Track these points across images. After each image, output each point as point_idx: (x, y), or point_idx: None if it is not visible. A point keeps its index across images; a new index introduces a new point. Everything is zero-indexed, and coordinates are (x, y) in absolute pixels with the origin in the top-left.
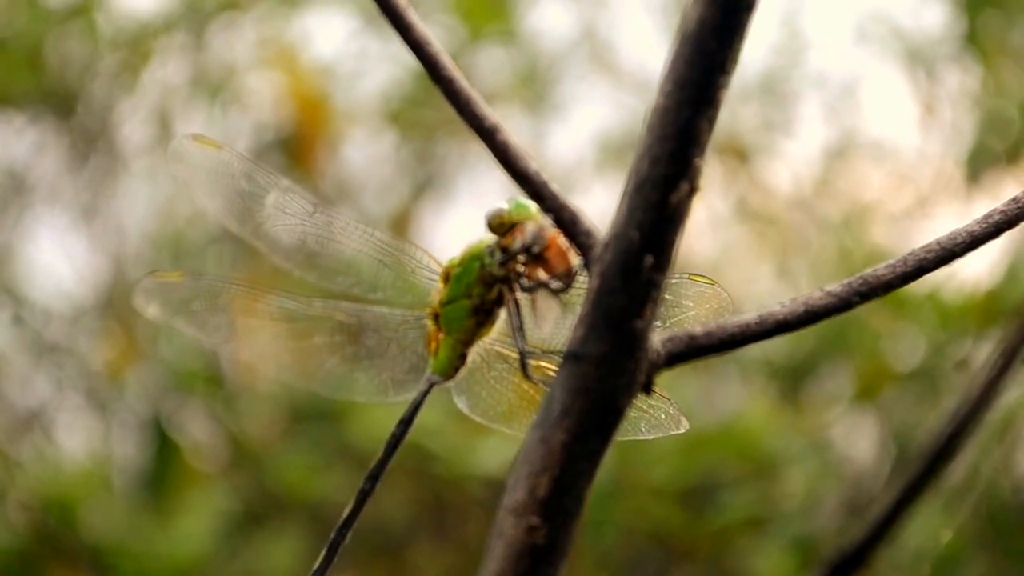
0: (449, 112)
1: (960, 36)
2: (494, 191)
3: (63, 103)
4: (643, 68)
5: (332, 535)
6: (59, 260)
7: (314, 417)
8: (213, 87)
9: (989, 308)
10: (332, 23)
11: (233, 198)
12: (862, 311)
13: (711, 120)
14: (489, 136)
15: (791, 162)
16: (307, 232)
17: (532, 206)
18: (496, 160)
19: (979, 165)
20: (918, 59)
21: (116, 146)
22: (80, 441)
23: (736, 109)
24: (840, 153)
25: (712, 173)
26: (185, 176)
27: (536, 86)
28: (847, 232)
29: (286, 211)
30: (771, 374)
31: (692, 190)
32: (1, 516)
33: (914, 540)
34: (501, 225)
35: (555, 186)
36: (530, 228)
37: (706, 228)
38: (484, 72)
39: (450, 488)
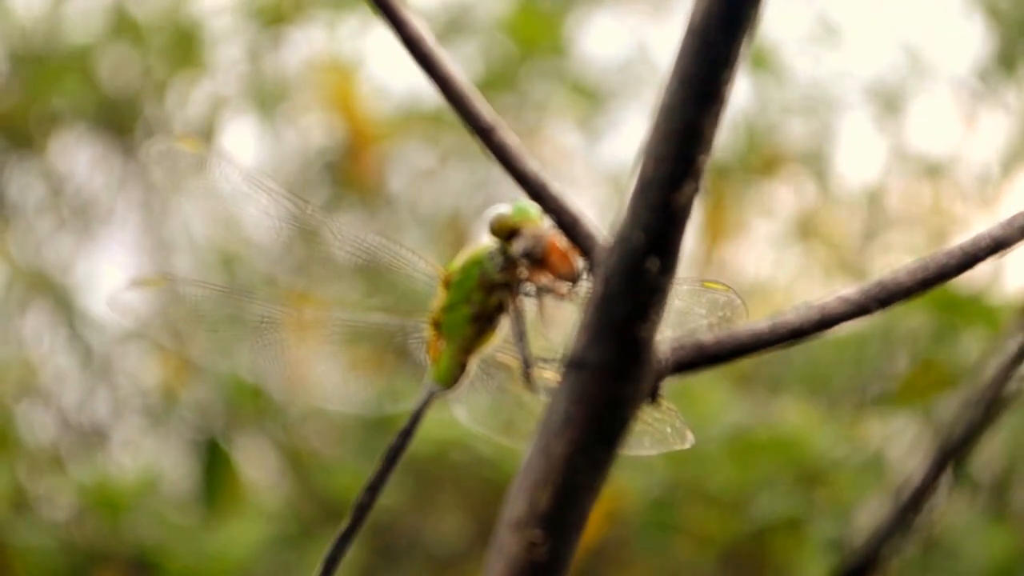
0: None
1: (999, 57)
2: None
3: (117, 118)
4: None
5: (329, 550)
6: (115, 276)
7: (366, 426)
8: (265, 101)
9: None
10: (385, 38)
11: (216, 202)
12: (911, 315)
13: (716, 117)
14: (486, 135)
15: (845, 179)
16: (295, 235)
17: (534, 209)
18: (495, 160)
19: None
20: (968, 78)
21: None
22: (134, 457)
23: (787, 125)
24: (894, 170)
25: (766, 192)
26: (165, 181)
27: (588, 103)
28: (904, 249)
29: (270, 213)
30: (814, 382)
31: (697, 189)
32: (49, 520)
33: (970, 553)
34: (502, 229)
35: (556, 187)
36: (531, 231)
37: (762, 248)
38: (536, 90)
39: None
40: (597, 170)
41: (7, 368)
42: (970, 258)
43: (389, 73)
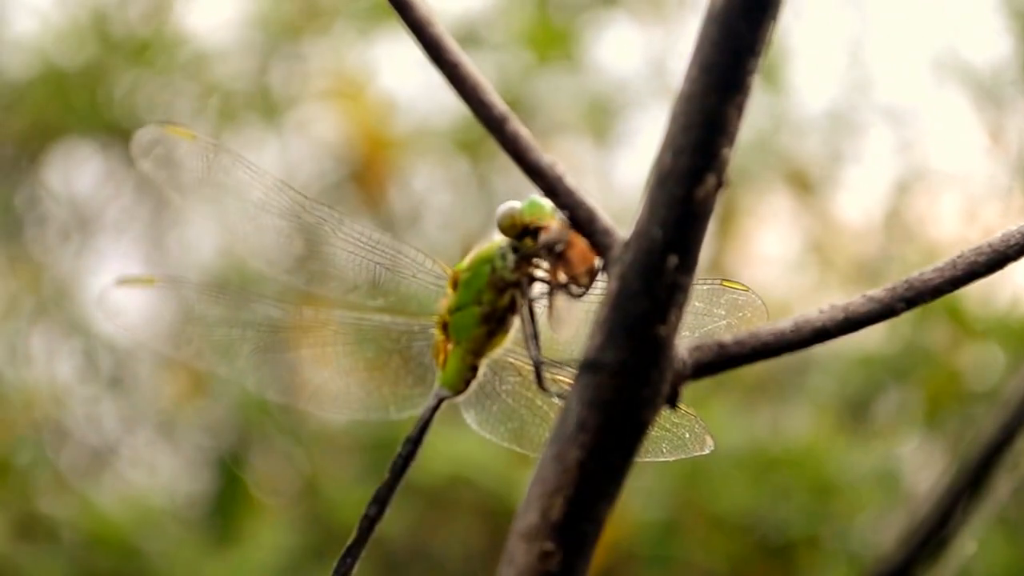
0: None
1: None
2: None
3: (127, 133)
4: None
5: (336, 564)
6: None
7: (377, 448)
8: (273, 114)
9: None
10: (398, 52)
11: (212, 194)
12: (932, 337)
13: (740, 107)
14: (498, 127)
15: (860, 195)
16: (296, 232)
17: (547, 205)
18: (507, 153)
19: None
20: (987, 91)
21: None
22: (146, 476)
23: (803, 141)
24: (908, 185)
25: (780, 207)
26: (153, 170)
27: (602, 116)
28: (917, 264)
29: (269, 209)
30: (838, 400)
31: (719, 183)
32: (61, 545)
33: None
34: (513, 226)
35: (571, 181)
36: (556, 226)
37: (776, 264)
38: (549, 102)
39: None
40: (610, 183)
41: (17, 388)
42: (1000, 256)
43: (401, 89)
